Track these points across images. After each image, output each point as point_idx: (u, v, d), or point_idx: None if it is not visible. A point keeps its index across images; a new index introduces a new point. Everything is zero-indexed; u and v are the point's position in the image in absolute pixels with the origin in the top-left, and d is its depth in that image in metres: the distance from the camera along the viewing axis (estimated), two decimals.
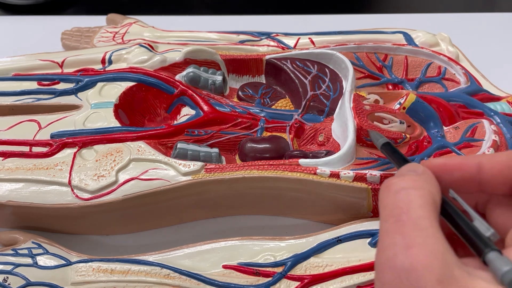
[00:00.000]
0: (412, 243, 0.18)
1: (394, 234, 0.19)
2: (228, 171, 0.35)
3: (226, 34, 0.49)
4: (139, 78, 0.42)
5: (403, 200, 0.19)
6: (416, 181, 0.20)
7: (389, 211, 0.19)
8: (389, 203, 0.20)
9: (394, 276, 0.18)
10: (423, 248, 0.18)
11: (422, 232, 0.18)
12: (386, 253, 0.18)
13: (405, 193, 0.20)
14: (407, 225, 0.18)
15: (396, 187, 0.20)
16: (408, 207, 0.19)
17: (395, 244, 0.18)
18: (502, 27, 0.60)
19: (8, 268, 0.32)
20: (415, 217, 0.19)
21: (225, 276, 0.32)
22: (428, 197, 0.19)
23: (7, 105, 0.41)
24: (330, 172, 0.35)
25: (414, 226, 0.18)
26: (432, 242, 0.18)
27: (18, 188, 0.35)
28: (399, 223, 0.19)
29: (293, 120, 0.41)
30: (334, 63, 0.44)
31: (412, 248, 0.18)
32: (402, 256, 0.18)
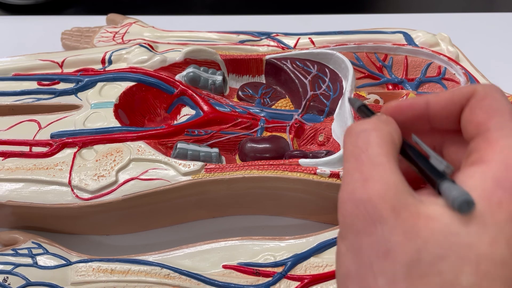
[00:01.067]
0: (369, 177, 0.19)
1: (353, 171, 0.20)
2: (228, 171, 0.35)
3: (226, 34, 0.49)
4: (139, 78, 0.42)
5: (362, 140, 0.21)
6: (375, 123, 0.22)
7: (350, 152, 0.21)
8: (350, 144, 0.21)
9: (353, 207, 0.19)
10: (378, 181, 0.19)
11: (379, 167, 0.20)
12: (347, 188, 0.20)
13: (365, 134, 0.21)
14: (365, 162, 0.20)
15: (357, 129, 0.22)
16: (366, 146, 0.20)
17: (354, 180, 0.20)
18: (502, 27, 0.61)
19: (8, 268, 0.32)
20: (372, 154, 0.20)
21: (225, 276, 0.32)
22: (386, 137, 0.21)
23: (7, 105, 0.41)
24: (330, 172, 0.35)
25: (371, 162, 0.20)
26: (387, 175, 0.19)
27: (18, 188, 0.35)
28: (358, 161, 0.20)
29: (293, 120, 0.41)
30: (334, 63, 0.44)
31: (368, 182, 0.19)
32: (360, 189, 0.19)
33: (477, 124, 0.20)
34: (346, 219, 0.20)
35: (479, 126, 0.20)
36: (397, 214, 0.18)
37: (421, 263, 0.17)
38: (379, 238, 0.18)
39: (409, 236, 0.18)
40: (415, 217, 0.18)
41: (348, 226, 0.20)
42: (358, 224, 0.19)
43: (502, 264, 0.17)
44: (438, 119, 0.23)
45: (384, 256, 0.18)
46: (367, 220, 0.19)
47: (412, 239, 0.18)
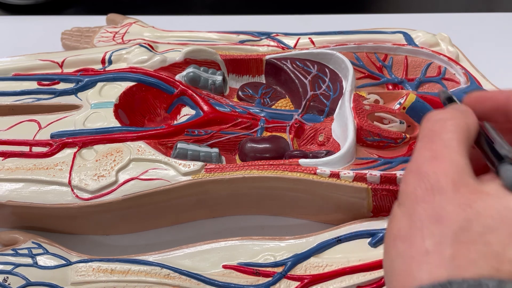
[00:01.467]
0: (438, 156, 0.21)
1: (424, 150, 0.22)
2: (228, 171, 0.35)
3: (226, 34, 0.49)
4: (139, 78, 0.42)
5: (439, 126, 0.22)
6: (453, 113, 0.23)
7: (425, 134, 0.22)
8: (426, 128, 0.23)
9: (417, 178, 0.21)
10: (445, 160, 0.21)
11: (448, 149, 0.21)
12: (415, 161, 0.22)
13: (441, 122, 0.22)
14: (436, 143, 0.21)
15: (435, 117, 0.23)
16: (441, 131, 0.22)
17: (423, 156, 0.21)
18: (502, 27, 0.60)
19: (8, 268, 0.32)
20: (445, 138, 0.21)
21: (225, 276, 0.32)
22: (462, 126, 0.22)
23: (7, 105, 0.41)
24: (330, 172, 0.35)
25: (443, 144, 0.21)
26: (455, 157, 0.21)
27: (18, 188, 0.35)
28: (431, 141, 0.22)
29: (293, 120, 0.41)
30: (334, 63, 0.44)
31: (437, 159, 0.21)
32: (427, 164, 0.21)
33: None
34: (408, 187, 0.21)
35: None
36: (456, 189, 0.20)
37: (470, 232, 0.18)
38: (435, 205, 0.20)
39: (463, 207, 0.19)
40: (473, 193, 0.19)
41: (408, 194, 0.21)
42: (419, 192, 0.20)
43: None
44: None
45: (436, 221, 0.19)
46: (428, 190, 0.20)
47: (466, 209, 0.19)
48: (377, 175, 0.34)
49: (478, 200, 0.19)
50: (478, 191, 0.20)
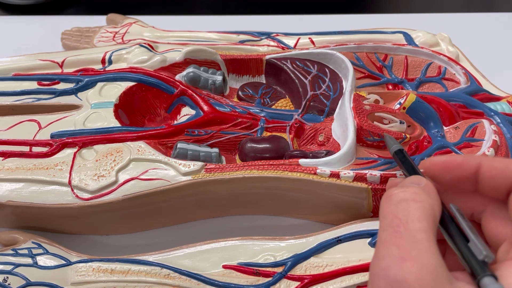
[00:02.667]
0: (407, 256, 0.18)
1: (390, 245, 0.19)
2: (228, 171, 0.35)
3: (226, 34, 0.49)
4: (139, 78, 0.42)
5: (402, 211, 0.20)
6: (417, 193, 0.21)
7: (388, 221, 0.20)
8: (389, 213, 0.20)
9: (386, 286, 0.18)
10: (417, 262, 0.18)
11: (418, 245, 0.19)
12: (382, 262, 0.19)
13: (405, 205, 0.20)
14: (403, 237, 0.19)
15: (397, 198, 0.21)
16: (406, 219, 0.19)
17: (391, 255, 0.19)
18: (502, 27, 0.60)
19: (8, 268, 0.32)
20: (412, 229, 0.19)
21: (225, 276, 0.32)
22: (427, 210, 0.20)
23: (7, 105, 0.41)
24: (330, 172, 0.35)
25: (411, 238, 0.19)
26: (426, 256, 0.18)
27: (18, 188, 0.35)
28: (397, 234, 0.19)
29: (293, 120, 0.41)
30: (334, 63, 0.44)
31: (406, 261, 0.18)
32: (396, 268, 0.18)
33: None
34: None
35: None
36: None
37: None
38: None
39: None
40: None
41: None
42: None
43: None
44: (486, 186, 0.22)
45: None
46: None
47: None
48: (377, 175, 0.34)
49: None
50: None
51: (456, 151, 0.37)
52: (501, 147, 0.37)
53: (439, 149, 0.37)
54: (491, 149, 0.36)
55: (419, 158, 0.36)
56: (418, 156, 0.37)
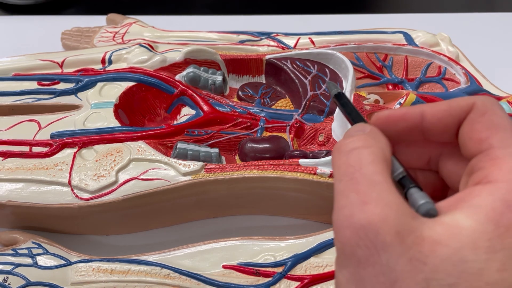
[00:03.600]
0: (367, 199, 0.18)
1: (348, 193, 0.19)
2: (228, 171, 0.35)
3: (226, 34, 0.49)
4: (139, 78, 0.42)
5: (354, 159, 0.20)
6: (365, 140, 0.20)
7: (343, 171, 0.20)
8: (342, 163, 0.20)
9: (353, 233, 0.18)
10: (378, 203, 0.18)
11: (376, 187, 0.18)
12: (343, 211, 0.19)
13: (356, 152, 0.20)
14: (360, 182, 0.19)
15: (346, 147, 0.20)
16: (360, 165, 0.19)
17: (351, 203, 0.18)
18: (502, 27, 0.60)
19: (8, 268, 0.32)
20: (367, 173, 0.19)
21: (225, 276, 0.32)
22: (379, 154, 0.20)
23: (7, 105, 0.41)
24: (330, 172, 0.35)
25: (368, 182, 0.19)
26: (387, 196, 0.18)
27: (18, 188, 0.35)
28: (353, 181, 0.19)
29: (293, 120, 0.41)
30: (334, 63, 0.44)
31: (367, 204, 0.18)
32: (358, 213, 0.18)
33: (478, 141, 0.19)
34: (345, 247, 0.18)
35: (481, 142, 0.19)
36: (401, 239, 0.17)
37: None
38: (384, 268, 0.17)
39: (416, 264, 0.17)
40: (421, 243, 0.17)
41: (347, 255, 0.18)
42: (360, 253, 0.17)
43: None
44: (434, 131, 0.22)
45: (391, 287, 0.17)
46: (369, 248, 0.17)
47: (420, 267, 0.17)
48: None
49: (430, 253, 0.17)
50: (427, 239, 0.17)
51: None
52: None
53: None
54: None
55: None
56: None
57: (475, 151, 0.19)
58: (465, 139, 0.20)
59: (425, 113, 0.21)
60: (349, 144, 0.20)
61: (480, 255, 0.16)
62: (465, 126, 0.20)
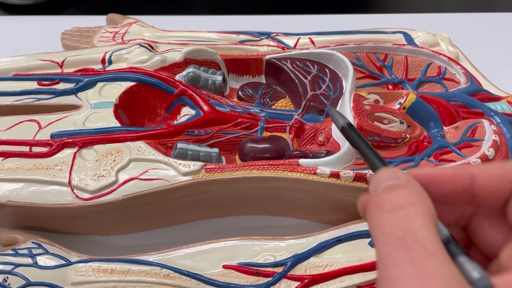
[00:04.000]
0: (426, 273, 0.16)
1: (402, 262, 0.16)
2: (228, 171, 0.35)
3: (226, 34, 0.49)
4: (139, 78, 0.42)
5: (403, 220, 0.17)
6: (411, 196, 0.18)
7: (390, 234, 0.17)
8: (387, 224, 0.18)
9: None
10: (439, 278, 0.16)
11: (433, 257, 0.16)
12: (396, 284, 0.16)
13: (403, 212, 0.17)
14: (415, 250, 0.16)
15: (390, 204, 0.18)
16: (412, 229, 0.17)
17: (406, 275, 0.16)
18: (502, 27, 0.60)
19: (8, 268, 0.32)
20: (422, 239, 0.17)
21: (225, 276, 0.32)
22: (428, 215, 0.17)
23: (7, 105, 0.41)
24: (330, 172, 0.35)
25: (424, 251, 0.16)
26: (447, 270, 0.16)
27: (18, 188, 0.35)
28: (406, 248, 0.17)
29: (293, 120, 0.41)
30: (334, 63, 0.44)
31: (428, 280, 0.16)
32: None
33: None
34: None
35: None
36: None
37: None
38: None
39: None
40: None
41: None
42: None
43: None
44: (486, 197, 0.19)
45: None
46: None
47: None
48: None
49: None
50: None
51: (456, 151, 0.37)
52: (501, 147, 0.37)
53: (439, 149, 0.37)
54: (491, 149, 0.36)
55: (419, 158, 0.36)
56: (418, 156, 0.37)
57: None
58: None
59: (476, 176, 0.19)
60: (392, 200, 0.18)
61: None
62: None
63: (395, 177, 0.19)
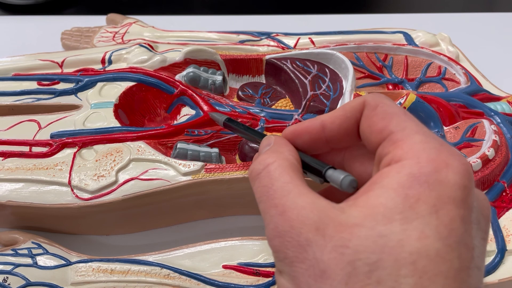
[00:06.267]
0: (284, 208, 0.20)
1: (269, 209, 0.20)
2: (228, 171, 0.35)
3: (226, 34, 0.49)
4: (139, 78, 0.42)
5: (265, 178, 0.21)
6: (270, 156, 0.22)
7: (259, 194, 0.22)
8: (257, 187, 0.22)
9: (281, 240, 0.19)
10: (293, 208, 0.19)
11: (289, 196, 0.20)
12: (269, 227, 0.20)
13: (265, 172, 0.21)
14: (275, 196, 0.20)
15: (256, 170, 0.22)
16: (271, 181, 0.21)
17: (272, 216, 0.20)
18: (502, 27, 0.61)
19: (8, 268, 0.32)
20: (279, 187, 0.20)
21: (225, 276, 0.32)
22: (284, 164, 0.21)
23: (7, 105, 0.41)
24: None
25: (280, 194, 0.20)
26: (301, 200, 0.19)
27: (18, 188, 0.35)
28: (269, 198, 0.21)
29: (293, 120, 0.41)
30: (334, 63, 0.44)
31: (286, 212, 0.19)
32: (281, 223, 0.19)
33: (379, 131, 0.21)
34: (278, 254, 0.19)
35: (381, 132, 0.20)
36: (322, 232, 0.18)
37: (358, 275, 0.17)
38: (312, 261, 0.18)
39: (339, 250, 0.17)
40: (340, 230, 0.18)
41: (281, 260, 0.19)
42: (290, 254, 0.19)
43: (437, 258, 0.17)
44: (336, 138, 0.23)
45: (321, 278, 0.18)
46: (296, 248, 0.18)
47: (343, 252, 0.17)
48: None
49: (350, 237, 0.17)
50: (345, 225, 0.18)
51: None
52: (501, 147, 0.37)
53: None
54: (491, 149, 0.36)
55: None
56: None
57: (379, 141, 0.21)
58: (367, 134, 0.21)
59: (324, 122, 0.23)
60: (256, 167, 0.22)
61: (396, 227, 0.17)
62: (363, 123, 0.22)
63: (268, 143, 0.24)
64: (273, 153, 0.22)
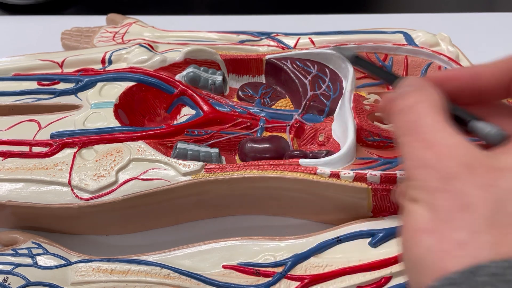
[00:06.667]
0: (433, 143, 0.19)
1: (413, 143, 0.20)
2: (228, 171, 0.35)
3: (226, 34, 0.49)
4: (139, 78, 0.42)
5: (413, 114, 0.21)
6: (417, 96, 0.22)
7: (403, 127, 0.21)
8: (401, 121, 0.21)
9: (425, 171, 0.19)
10: (443, 144, 0.19)
11: (440, 133, 0.20)
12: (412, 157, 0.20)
13: (412, 108, 0.21)
14: (424, 131, 0.20)
15: (402, 105, 0.22)
16: (419, 118, 0.21)
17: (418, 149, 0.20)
18: (502, 27, 0.60)
19: (8, 268, 0.32)
20: (428, 123, 0.20)
21: (225, 276, 0.32)
22: (434, 104, 0.21)
23: (7, 105, 0.41)
24: (330, 172, 0.35)
25: (431, 130, 0.20)
26: (451, 138, 0.19)
27: (18, 188, 0.35)
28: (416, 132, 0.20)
29: (293, 120, 0.41)
30: (334, 63, 0.44)
31: (434, 146, 0.19)
32: (428, 155, 0.19)
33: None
34: (417, 182, 0.20)
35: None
36: (471, 170, 0.18)
37: (505, 213, 0.17)
38: (457, 193, 0.18)
39: (486, 188, 0.18)
40: (490, 170, 0.18)
41: (421, 188, 0.19)
42: (433, 184, 0.19)
43: None
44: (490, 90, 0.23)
45: (463, 209, 0.18)
46: (441, 179, 0.19)
47: (491, 190, 0.18)
48: (377, 175, 0.34)
49: (499, 178, 0.18)
50: (495, 167, 0.18)
51: None
52: None
53: None
54: None
55: None
56: None
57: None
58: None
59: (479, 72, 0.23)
60: (403, 101, 0.22)
61: None
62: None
63: (409, 84, 0.23)
64: (422, 92, 0.22)
